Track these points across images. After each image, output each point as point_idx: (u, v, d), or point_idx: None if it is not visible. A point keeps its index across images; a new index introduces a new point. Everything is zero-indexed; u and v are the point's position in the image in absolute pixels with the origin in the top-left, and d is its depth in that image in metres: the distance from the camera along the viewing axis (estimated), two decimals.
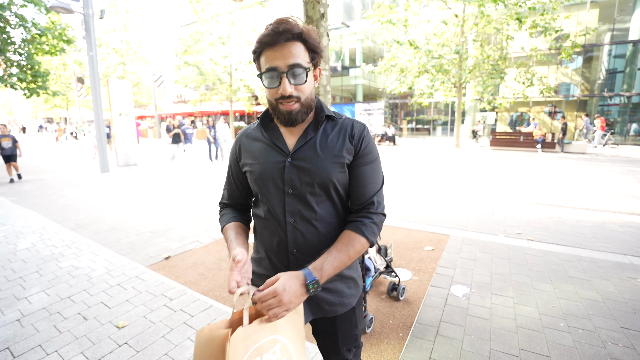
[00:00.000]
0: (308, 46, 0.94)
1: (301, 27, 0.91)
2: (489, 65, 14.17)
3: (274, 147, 1.03)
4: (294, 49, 0.90)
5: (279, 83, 0.91)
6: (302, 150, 1.00)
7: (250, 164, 1.05)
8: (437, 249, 3.64)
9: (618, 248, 3.61)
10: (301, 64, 0.91)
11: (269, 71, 0.91)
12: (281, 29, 0.88)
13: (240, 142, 1.10)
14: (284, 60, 0.89)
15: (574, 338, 2.14)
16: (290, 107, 0.94)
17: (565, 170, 9.20)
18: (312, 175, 0.98)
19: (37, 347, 2.14)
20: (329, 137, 1.02)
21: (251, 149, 1.07)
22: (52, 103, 31.89)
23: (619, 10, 17.58)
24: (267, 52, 0.91)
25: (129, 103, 10.84)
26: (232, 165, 1.14)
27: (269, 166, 1.01)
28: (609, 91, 18.42)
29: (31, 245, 3.94)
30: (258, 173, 1.02)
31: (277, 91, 0.93)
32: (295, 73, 0.91)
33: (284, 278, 0.84)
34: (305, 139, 1.01)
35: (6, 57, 9.71)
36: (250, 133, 1.10)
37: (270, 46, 0.90)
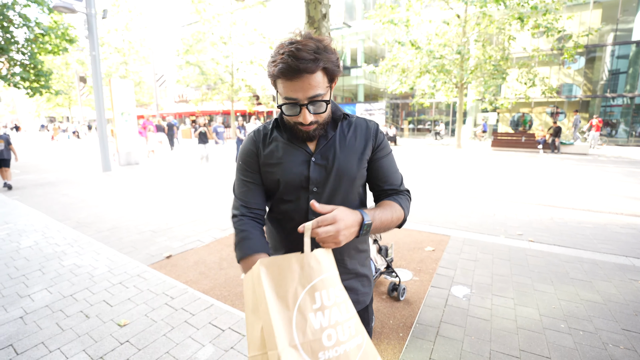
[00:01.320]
0: (327, 70, 0.91)
1: (319, 55, 0.86)
2: (491, 66, 14.14)
3: (296, 146, 1.03)
4: (313, 81, 0.87)
5: (299, 112, 0.91)
6: (325, 148, 1.02)
7: (272, 163, 1.03)
8: (438, 250, 3.65)
9: (619, 249, 3.60)
10: (321, 94, 0.90)
11: (288, 100, 0.90)
12: (301, 67, 0.83)
13: (259, 142, 1.07)
14: (304, 92, 0.87)
15: (575, 339, 2.14)
16: (308, 128, 0.96)
17: (567, 171, 9.18)
18: (337, 173, 1.01)
19: (40, 344, 2.16)
20: (347, 135, 1.06)
21: (272, 148, 1.04)
22: (55, 102, 32.00)
23: (622, 10, 17.52)
24: (285, 82, 0.88)
25: (131, 102, 10.87)
26: (248, 166, 1.07)
27: (293, 165, 1.01)
28: (611, 92, 18.36)
29: (34, 244, 3.96)
30: (282, 172, 1.01)
31: (296, 118, 0.94)
32: (315, 103, 0.90)
33: (342, 209, 0.85)
34: (326, 138, 1.03)
35: (9, 57, 9.75)
36: (266, 132, 1.08)
37: (288, 79, 0.87)
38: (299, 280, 0.76)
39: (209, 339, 2.20)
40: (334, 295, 0.78)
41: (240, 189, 1.08)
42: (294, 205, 1.04)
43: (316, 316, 0.75)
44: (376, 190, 1.13)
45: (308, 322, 0.74)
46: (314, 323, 0.74)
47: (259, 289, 0.77)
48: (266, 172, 1.05)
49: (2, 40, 9.37)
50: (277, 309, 0.74)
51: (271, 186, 1.05)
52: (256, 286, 0.78)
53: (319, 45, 0.87)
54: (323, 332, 0.74)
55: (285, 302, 0.75)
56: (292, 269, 0.77)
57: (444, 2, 14.04)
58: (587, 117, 19.31)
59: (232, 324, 2.36)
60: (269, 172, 1.04)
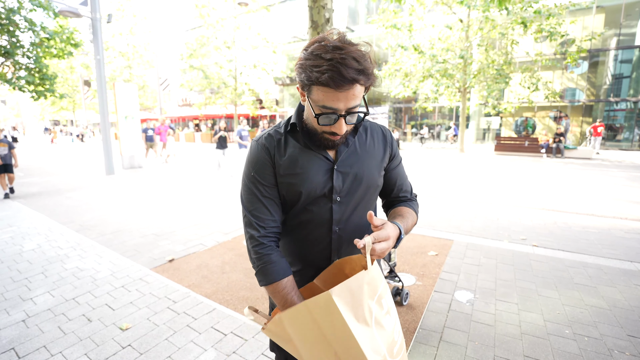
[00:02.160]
0: (368, 82, 0.87)
1: (365, 64, 0.81)
2: (494, 70, 14.15)
3: (316, 153, 0.96)
4: (356, 91, 0.82)
5: (334, 122, 0.86)
6: (347, 156, 0.98)
7: (292, 174, 0.95)
8: (441, 254, 3.63)
9: (624, 255, 3.57)
10: (360, 104, 0.86)
11: (327, 109, 0.84)
12: (352, 77, 0.78)
13: (272, 147, 0.97)
14: (346, 102, 0.82)
15: (580, 345, 2.12)
16: (335, 138, 0.91)
17: (571, 175, 9.13)
18: (360, 181, 0.98)
19: (42, 348, 2.16)
20: (366, 141, 1.03)
21: (290, 156, 0.96)
22: (59, 106, 32.27)
23: (625, 15, 17.50)
24: (327, 91, 0.81)
25: (134, 106, 10.95)
26: (262, 179, 0.97)
27: (316, 174, 0.95)
28: (615, 96, 18.29)
29: (37, 247, 3.97)
30: (304, 183, 0.94)
31: (329, 128, 0.89)
32: (354, 115, 0.87)
33: (390, 224, 0.87)
34: (347, 145, 0.99)
35: (15, 60, 9.86)
36: (279, 138, 0.99)
37: (333, 89, 0.80)
38: (368, 294, 0.81)
39: (211, 343, 2.19)
40: (389, 298, 0.90)
41: (254, 205, 0.97)
42: (315, 217, 0.98)
43: (386, 320, 0.85)
44: (390, 197, 1.13)
45: (384, 328, 0.84)
46: (387, 327, 0.85)
47: (333, 317, 0.77)
48: (286, 184, 0.96)
49: (7, 45, 9.48)
50: (361, 330, 0.78)
51: (291, 198, 0.97)
52: (326, 316, 0.78)
53: (364, 54, 0.82)
54: (393, 333, 0.86)
55: (364, 321, 0.80)
56: (362, 288, 0.80)
57: (447, 7, 14.09)
58: (590, 121, 19.24)
59: (234, 328, 2.35)
60: (290, 183, 0.95)
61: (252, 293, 2.87)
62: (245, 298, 2.79)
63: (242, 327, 2.37)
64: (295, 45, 25.22)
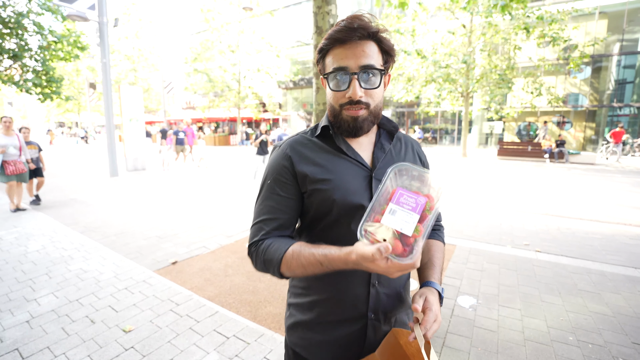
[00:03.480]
0: (382, 47, 0.83)
1: (377, 24, 0.81)
2: (497, 75, 14.16)
3: (351, 159, 0.88)
4: (367, 48, 0.80)
5: (348, 85, 0.80)
6: (385, 163, 0.89)
7: (322, 179, 0.84)
8: (444, 259, 3.61)
9: (629, 261, 3.55)
10: (375, 65, 0.80)
11: (337, 71, 0.81)
12: (356, 25, 0.78)
13: (296, 154, 0.88)
14: (356, 59, 0.79)
15: (584, 353, 2.11)
16: (356, 112, 0.83)
17: (574, 181, 9.09)
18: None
19: (46, 349, 2.17)
20: (401, 149, 0.97)
21: (319, 161, 0.87)
22: (65, 108, 32.56)
23: (628, 21, 17.50)
24: (336, 50, 0.81)
25: (139, 109, 11.03)
26: (280, 184, 0.87)
27: (351, 181, 0.85)
28: (618, 102, 18.24)
29: (41, 248, 4.00)
30: (336, 190, 0.83)
31: (344, 95, 0.82)
32: (368, 75, 0.81)
33: (433, 298, 0.80)
34: (383, 151, 0.91)
35: (22, 63, 9.98)
36: (307, 143, 0.90)
37: (341, 43, 0.80)
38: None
39: (213, 346, 2.20)
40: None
41: (265, 216, 0.87)
42: (345, 231, 0.84)
43: None
44: None
45: None
46: None
47: None
48: (317, 192, 0.84)
49: (16, 48, 9.60)
50: None
51: (323, 208, 0.85)
52: None
53: (377, 23, 0.82)
54: None
55: None
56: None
57: (450, 12, 14.14)
58: (593, 126, 19.19)
59: (237, 331, 2.36)
60: (321, 190, 0.84)
61: (254, 296, 2.88)
62: (248, 301, 2.80)
63: (245, 330, 2.37)
64: (298, 49, 25.37)
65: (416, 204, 0.66)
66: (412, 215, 0.65)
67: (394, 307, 0.92)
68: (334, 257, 0.72)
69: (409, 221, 0.64)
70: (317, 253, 0.75)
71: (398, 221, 0.65)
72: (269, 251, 0.82)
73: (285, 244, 0.81)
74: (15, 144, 5.57)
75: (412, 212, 0.65)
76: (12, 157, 5.54)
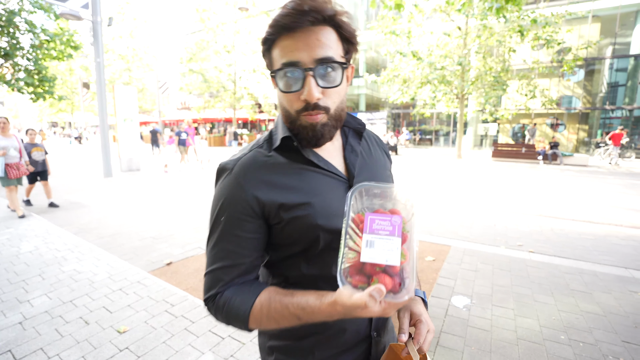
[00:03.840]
0: (342, 34, 0.66)
1: (334, 5, 0.64)
2: (491, 77, 14.30)
3: (324, 171, 0.73)
4: (323, 36, 0.63)
5: (302, 85, 0.64)
6: (360, 168, 0.78)
7: (299, 204, 0.69)
8: (438, 260, 3.65)
9: (620, 261, 3.60)
10: (334, 57, 0.64)
11: (287, 67, 0.64)
12: (307, 7, 0.61)
13: (255, 180, 0.69)
14: (310, 51, 0.62)
15: (575, 351, 2.14)
16: (314, 118, 0.67)
17: (567, 182, 9.20)
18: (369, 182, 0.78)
19: (39, 350, 2.15)
20: (370, 150, 0.85)
21: (289, 182, 0.70)
22: (58, 107, 32.23)
23: (621, 24, 17.77)
24: (284, 41, 0.64)
25: (133, 109, 10.96)
26: (239, 222, 0.68)
27: (333, 199, 0.71)
28: (610, 104, 18.50)
29: (34, 249, 3.96)
30: (319, 212, 0.69)
31: (298, 97, 0.65)
32: (326, 70, 0.64)
33: (420, 308, 0.75)
34: (356, 154, 0.79)
35: (14, 62, 9.87)
36: (265, 161, 0.72)
37: (289, 31, 0.63)
38: None
39: (208, 346, 2.20)
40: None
41: (226, 259, 0.69)
42: (333, 259, 0.71)
43: None
44: None
45: None
46: None
47: None
48: (293, 220, 0.69)
49: (7, 46, 9.50)
50: None
51: (304, 238, 0.70)
52: None
53: (334, 4, 0.65)
54: None
55: None
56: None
57: (445, 14, 14.25)
58: (586, 128, 19.43)
59: (232, 331, 2.35)
60: (298, 217, 0.69)
61: None
62: None
63: (240, 330, 2.37)
64: None
65: (392, 225, 0.57)
66: (393, 240, 0.56)
67: None
68: (314, 310, 0.60)
69: (392, 248, 0.55)
70: (292, 305, 0.62)
71: (380, 253, 0.55)
72: (231, 306, 0.67)
73: (250, 296, 0.67)
74: (15, 145, 5.37)
75: (392, 237, 0.56)
76: (13, 159, 5.31)
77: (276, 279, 0.79)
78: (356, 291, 0.53)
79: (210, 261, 0.71)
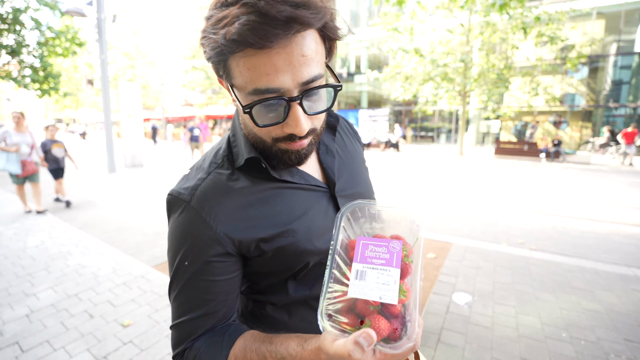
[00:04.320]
0: (325, 33, 0.51)
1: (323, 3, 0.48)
2: (494, 74, 14.22)
3: (301, 185, 0.63)
4: (308, 48, 0.47)
5: (285, 115, 0.50)
6: (341, 171, 0.69)
7: (280, 233, 0.59)
8: (440, 257, 3.66)
9: (622, 260, 3.60)
10: (321, 73, 0.50)
11: (263, 94, 0.48)
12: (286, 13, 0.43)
13: (224, 215, 0.57)
14: (294, 73, 0.47)
15: (576, 349, 2.15)
16: (300, 145, 0.55)
17: (569, 180, 9.16)
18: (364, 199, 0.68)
19: (45, 342, 2.19)
20: (346, 144, 0.76)
21: (265, 209, 0.59)
22: (63, 104, 32.40)
23: (625, 21, 17.59)
24: (254, 58, 0.46)
25: (137, 105, 11.01)
26: (208, 266, 0.57)
27: (317, 216, 0.63)
28: (614, 102, 18.36)
29: (40, 243, 4.00)
30: (304, 236, 0.60)
31: (281, 128, 0.53)
32: (313, 94, 0.51)
33: None
34: (332, 155, 0.69)
35: (20, 59, 9.93)
36: (230, 187, 0.59)
37: (257, 48, 0.44)
38: None
39: None
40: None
41: (194, 313, 0.59)
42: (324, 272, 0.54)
43: None
44: None
45: None
46: None
47: None
48: (276, 251, 0.60)
49: (14, 43, 9.55)
50: None
51: (291, 266, 0.63)
52: None
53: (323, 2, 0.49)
54: None
55: None
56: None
57: (448, 11, 14.16)
58: (589, 126, 19.31)
59: None
60: (282, 247, 0.60)
61: None
62: None
63: None
64: None
65: (389, 252, 0.47)
66: (390, 271, 0.45)
67: None
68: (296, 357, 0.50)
69: (388, 282, 0.44)
70: (271, 356, 0.52)
71: (372, 287, 0.44)
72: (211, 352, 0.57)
73: (223, 348, 0.56)
74: (28, 141, 5.19)
75: (389, 267, 0.46)
76: (23, 156, 5.13)
77: (258, 307, 0.68)
78: (341, 336, 0.42)
79: (176, 313, 0.60)
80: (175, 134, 26.14)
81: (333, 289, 0.46)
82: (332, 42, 0.54)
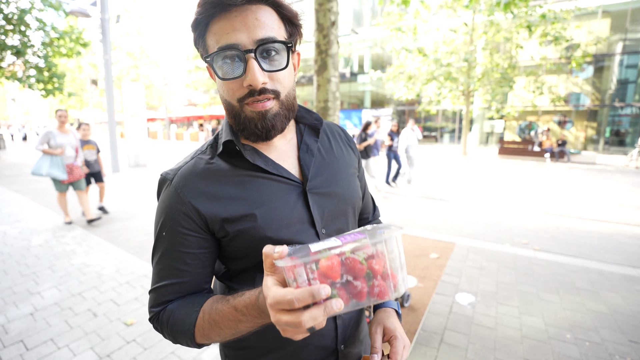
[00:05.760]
0: (282, 14, 0.61)
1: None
2: (498, 74, 14.15)
3: (274, 176, 0.66)
4: (262, 16, 0.57)
5: (244, 70, 0.57)
6: (317, 169, 0.71)
7: (244, 216, 0.62)
8: (443, 257, 3.64)
9: (627, 260, 3.57)
10: (276, 37, 0.58)
11: (224, 50, 0.57)
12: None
13: (195, 191, 0.63)
14: (249, 32, 0.56)
15: (581, 350, 2.13)
16: (263, 105, 0.60)
17: (574, 180, 9.10)
18: (343, 201, 0.73)
19: (49, 340, 2.21)
20: (331, 147, 0.78)
21: (232, 192, 0.64)
22: (67, 104, 32.62)
23: (631, 20, 17.42)
24: (218, 23, 0.57)
25: (141, 105, 11.06)
26: (181, 237, 0.63)
27: (283, 206, 0.65)
28: (620, 101, 18.20)
29: (44, 242, 4.04)
30: (267, 224, 0.63)
31: (240, 84, 0.59)
32: (269, 52, 0.58)
33: (390, 323, 0.70)
34: (312, 154, 0.72)
35: (25, 59, 10.02)
36: (206, 170, 0.65)
37: (223, 10, 0.56)
38: None
39: None
40: None
41: (170, 276, 0.64)
42: None
43: None
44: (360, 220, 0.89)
45: None
46: None
47: None
48: (239, 234, 0.63)
49: (19, 44, 9.64)
50: None
51: (254, 252, 0.62)
52: None
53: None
54: None
55: None
56: None
57: (452, 10, 14.11)
58: (594, 126, 19.15)
59: None
60: (244, 230, 0.62)
61: None
62: None
63: None
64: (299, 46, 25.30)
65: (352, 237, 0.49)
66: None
67: (359, 322, 0.79)
68: (248, 306, 0.53)
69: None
70: (229, 307, 0.56)
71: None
72: (175, 320, 0.61)
73: (194, 306, 0.61)
74: (72, 143, 4.66)
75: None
76: (68, 159, 4.59)
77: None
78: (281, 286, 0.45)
79: (155, 278, 0.66)
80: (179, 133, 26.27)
81: None
82: (292, 28, 0.63)
